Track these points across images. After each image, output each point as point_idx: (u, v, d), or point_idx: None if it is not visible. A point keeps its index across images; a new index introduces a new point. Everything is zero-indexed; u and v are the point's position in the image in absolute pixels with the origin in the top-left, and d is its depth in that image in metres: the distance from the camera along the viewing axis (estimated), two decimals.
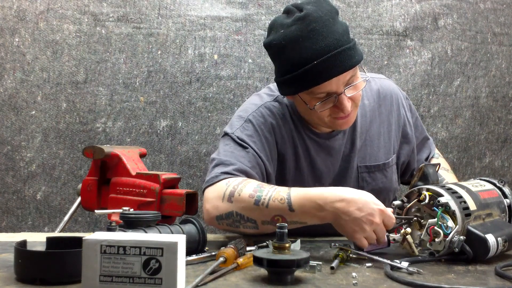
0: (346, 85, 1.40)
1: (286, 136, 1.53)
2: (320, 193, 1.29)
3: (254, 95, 1.63)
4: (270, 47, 1.43)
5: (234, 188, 1.35)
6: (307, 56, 1.35)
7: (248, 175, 1.42)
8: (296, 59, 1.36)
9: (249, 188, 1.33)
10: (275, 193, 1.31)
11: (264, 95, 1.59)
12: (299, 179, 1.54)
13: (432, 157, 1.78)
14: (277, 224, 1.06)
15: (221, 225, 1.38)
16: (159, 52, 2.46)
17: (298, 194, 1.30)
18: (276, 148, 1.52)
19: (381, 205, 1.25)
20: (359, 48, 1.43)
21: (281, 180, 1.53)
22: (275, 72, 1.48)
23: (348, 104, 1.41)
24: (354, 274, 1.09)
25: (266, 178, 1.48)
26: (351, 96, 1.41)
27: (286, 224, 1.06)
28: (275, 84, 1.55)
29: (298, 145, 1.53)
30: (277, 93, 1.56)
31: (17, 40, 2.39)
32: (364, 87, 1.50)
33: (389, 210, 1.26)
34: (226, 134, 1.52)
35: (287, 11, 1.42)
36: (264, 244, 1.30)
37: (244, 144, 1.46)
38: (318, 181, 1.55)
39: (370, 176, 1.59)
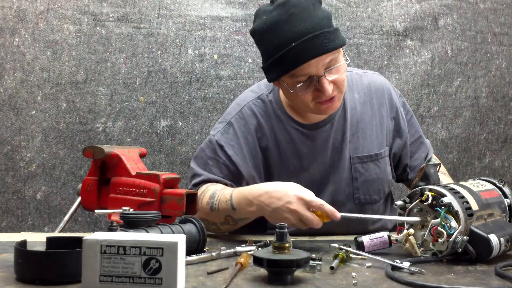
0: (326, 68, 1.43)
1: (268, 132, 1.59)
2: (251, 189, 1.42)
3: (243, 93, 1.72)
4: (254, 34, 1.49)
5: (199, 199, 1.48)
6: (286, 39, 1.40)
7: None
8: (277, 43, 1.41)
9: (207, 196, 1.50)
10: (222, 196, 1.46)
11: (249, 93, 1.67)
12: (285, 170, 1.59)
13: (430, 159, 1.78)
14: (277, 224, 1.06)
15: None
16: (159, 52, 2.46)
17: (238, 192, 1.45)
18: (259, 145, 1.59)
19: (301, 193, 1.30)
20: (341, 35, 1.47)
21: (268, 173, 1.60)
22: (262, 59, 1.52)
23: (329, 87, 1.43)
24: (354, 274, 1.09)
25: (239, 179, 1.58)
26: (333, 80, 1.45)
27: (286, 224, 1.06)
28: (264, 80, 1.63)
29: (280, 138, 1.59)
30: (262, 91, 1.64)
31: (17, 40, 2.39)
32: (355, 81, 1.61)
33: (315, 198, 1.29)
34: (209, 134, 1.64)
35: (272, 0, 1.48)
36: (264, 244, 1.30)
37: (219, 152, 1.57)
38: (305, 171, 1.59)
39: (363, 167, 1.61)
